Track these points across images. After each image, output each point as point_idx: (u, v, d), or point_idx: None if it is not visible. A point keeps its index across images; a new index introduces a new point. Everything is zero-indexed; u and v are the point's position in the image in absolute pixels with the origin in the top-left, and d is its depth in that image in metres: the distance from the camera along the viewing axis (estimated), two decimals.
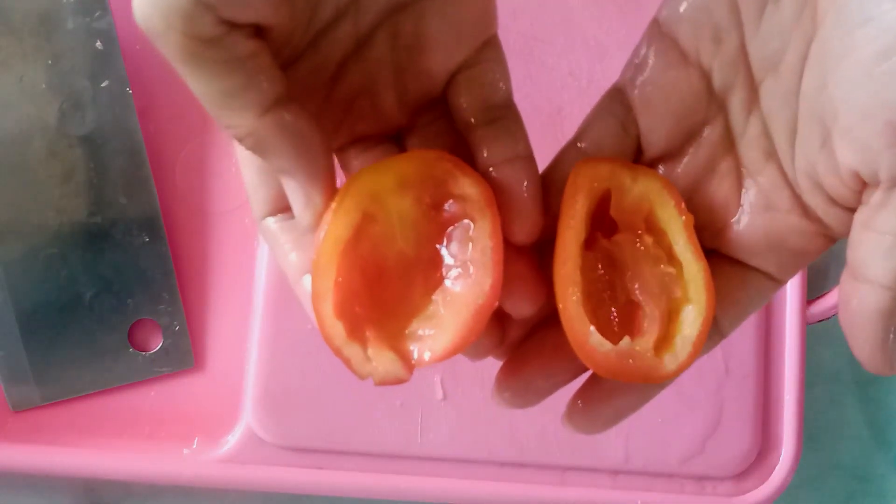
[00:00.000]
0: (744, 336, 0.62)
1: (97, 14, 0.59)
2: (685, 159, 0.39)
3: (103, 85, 0.59)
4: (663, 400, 0.60)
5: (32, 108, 0.58)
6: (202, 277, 0.61)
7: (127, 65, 0.60)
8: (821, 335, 0.68)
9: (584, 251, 0.37)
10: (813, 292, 0.64)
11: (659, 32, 0.38)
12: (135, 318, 0.60)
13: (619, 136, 0.39)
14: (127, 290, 0.60)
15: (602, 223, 0.38)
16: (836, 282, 0.63)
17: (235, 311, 0.61)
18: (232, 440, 0.59)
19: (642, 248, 0.38)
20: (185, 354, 0.60)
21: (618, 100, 0.39)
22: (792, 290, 0.63)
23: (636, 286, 0.38)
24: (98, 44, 0.59)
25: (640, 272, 0.38)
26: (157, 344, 0.60)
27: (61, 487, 0.62)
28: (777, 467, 0.62)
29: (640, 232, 0.38)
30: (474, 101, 0.37)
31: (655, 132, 0.38)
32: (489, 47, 0.37)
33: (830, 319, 0.64)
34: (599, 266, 0.38)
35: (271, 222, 0.38)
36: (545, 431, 0.60)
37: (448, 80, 0.37)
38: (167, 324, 0.60)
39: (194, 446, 0.59)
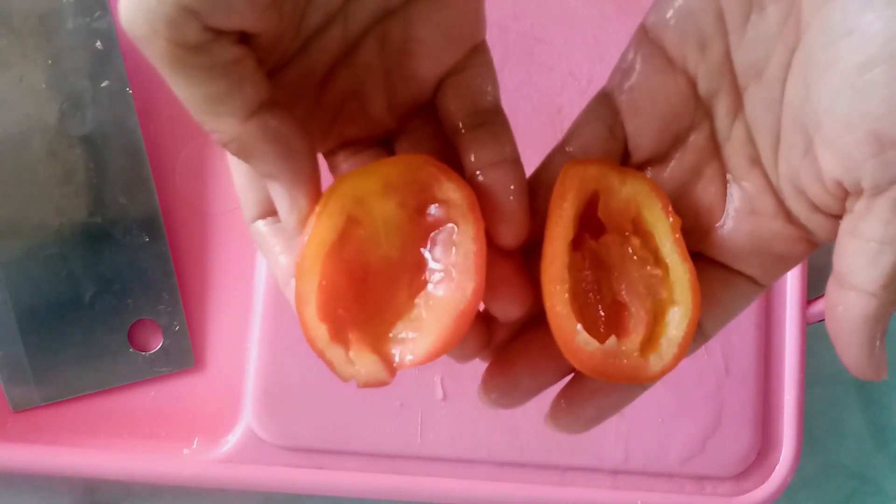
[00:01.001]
0: (744, 336, 0.62)
1: (97, 14, 0.59)
2: (671, 164, 0.39)
3: (103, 85, 0.60)
4: (663, 400, 0.60)
5: (33, 108, 0.59)
6: (202, 277, 0.62)
7: (127, 65, 0.60)
8: (821, 335, 0.67)
9: (572, 251, 0.37)
10: (813, 292, 0.64)
11: (646, 38, 0.38)
12: (135, 318, 0.60)
13: (606, 140, 0.39)
14: (127, 290, 0.60)
15: (589, 224, 0.38)
16: None
17: (235, 311, 0.61)
18: (232, 440, 0.59)
19: (629, 249, 0.38)
20: (185, 354, 0.61)
21: (605, 104, 0.39)
22: (792, 290, 0.63)
23: (623, 287, 0.38)
24: (98, 44, 0.59)
25: (627, 273, 0.38)
26: (157, 344, 0.60)
27: (61, 487, 0.62)
28: (777, 467, 0.62)
29: (627, 234, 0.38)
30: (462, 105, 0.37)
31: (642, 136, 0.39)
32: (477, 53, 0.37)
33: None
34: (586, 266, 0.38)
35: (261, 225, 0.38)
36: (545, 432, 0.60)
37: (437, 85, 0.37)
38: (167, 324, 0.60)
39: (194, 446, 0.60)
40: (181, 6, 0.29)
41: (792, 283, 0.63)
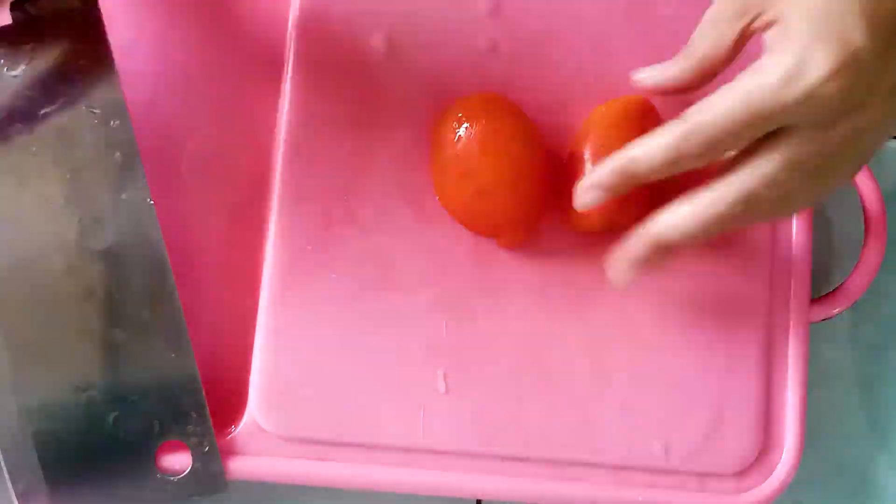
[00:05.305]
0: (746, 334, 0.62)
1: (115, 124, 0.58)
2: None
3: (123, 196, 0.58)
4: (664, 397, 0.60)
5: (51, 225, 0.57)
6: (206, 265, 0.62)
7: (148, 174, 0.59)
8: (824, 334, 0.67)
9: None
10: (815, 292, 0.64)
11: None
12: (162, 441, 0.58)
13: None
14: (152, 412, 0.58)
15: None
16: (839, 282, 0.63)
17: (239, 302, 0.61)
18: (235, 431, 0.59)
19: None
20: (216, 477, 0.58)
21: None
22: (795, 288, 0.63)
23: None
24: (117, 154, 0.58)
25: None
26: (185, 467, 0.58)
27: None
28: (779, 465, 0.61)
29: None
30: None
31: None
32: None
33: (834, 318, 0.64)
34: None
35: None
36: (547, 427, 0.60)
37: None
38: (196, 445, 0.58)
39: None
40: None
41: (795, 280, 0.63)
